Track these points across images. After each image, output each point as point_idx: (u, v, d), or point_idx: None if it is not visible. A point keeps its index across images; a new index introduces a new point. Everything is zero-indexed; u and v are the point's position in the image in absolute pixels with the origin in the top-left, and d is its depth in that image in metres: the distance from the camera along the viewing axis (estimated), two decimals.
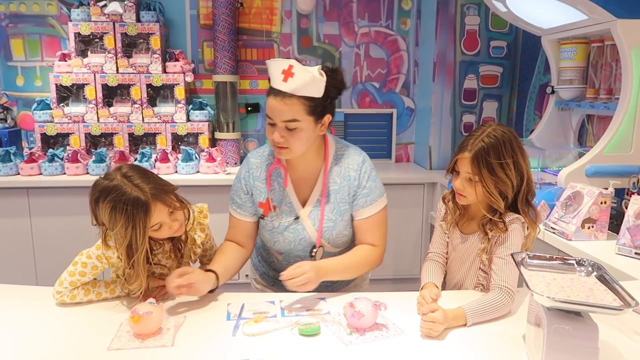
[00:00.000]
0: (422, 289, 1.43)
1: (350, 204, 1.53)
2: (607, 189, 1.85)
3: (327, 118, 1.46)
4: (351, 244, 1.62)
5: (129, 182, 1.30)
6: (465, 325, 1.25)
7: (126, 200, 1.26)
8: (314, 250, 1.54)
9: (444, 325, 1.21)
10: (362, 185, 1.52)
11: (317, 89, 1.37)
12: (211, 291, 1.41)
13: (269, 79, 1.41)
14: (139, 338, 1.18)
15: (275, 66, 1.37)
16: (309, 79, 1.35)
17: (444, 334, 1.22)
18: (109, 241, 1.37)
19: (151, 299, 1.24)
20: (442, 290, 1.45)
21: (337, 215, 1.53)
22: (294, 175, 1.54)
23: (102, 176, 1.35)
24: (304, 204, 1.54)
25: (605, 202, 1.82)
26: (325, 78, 1.39)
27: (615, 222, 1.91)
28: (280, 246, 1.58)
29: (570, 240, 1.81)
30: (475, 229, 1.46)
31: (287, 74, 1.35)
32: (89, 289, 1.39)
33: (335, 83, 1.43)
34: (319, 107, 1.41)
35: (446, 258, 1.55)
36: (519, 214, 1.40)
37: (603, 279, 1.08)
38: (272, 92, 1.39)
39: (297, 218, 1.53)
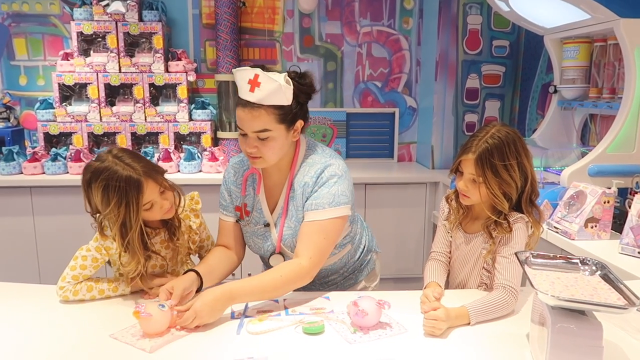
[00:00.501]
0: (425, 288, 1.43)
1: (302, 209, 1.47)
2: (610, 188, 1.85)
3: (299, 124, 1.43)
4: None
5: (120, 162, 1.32)
6: (468, 324, 1.26)
7: (118, 178, 1.29)
8: (271, 257, 1.53)
9: (446, 323, 1.21)
10: (314, 190, 1.44)
11: (284, 98, 1.35)
12: (197, 290, 1.39)
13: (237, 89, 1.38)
14: (146, 335, 1.19)
15: (242, 76, 1.34)
16: (275, 88, 1.32)
17: (447, 332, 1.22)
18: (106, 231, 1.40)
19: (164, 303, 1.24)
20: (445, 289, 1.45)
21: (296, 223, 1.47)
22: (268, 182, 1.53)
23: (94, 159, 1.37)
24: (272, 211, 1.53)
25: (608, 202, 1.82)
26: (292, 86, 1.36)
27: (618, 222, 1.91)
28: (254, 250, 1.60)
29: (573, 239, 1.82)
30: (479, 228, 1.46)
31: (254, 83, 1.32)
32: (91, 286, 1.40)
33: (303, 88, 1.40)
34: (288, 115, 1.38)
35: (449, 257, 1.55)
36: (522, 213, 1.40)
37: (607, 278, 1.08)
38: (240, 102, 1.36)
39: (267, 225, 1.52)
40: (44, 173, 2.97)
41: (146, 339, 1.18)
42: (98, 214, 1.38)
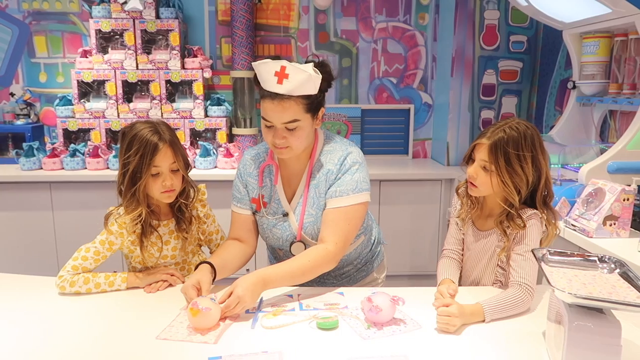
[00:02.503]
0: (439, 285, 1.43)
1: (325, 196, 1.50)
2: (630, 185, 1.81)
3: (321, 112, 1.46)
4: None
5: (156, 126, 1.48)
6: (483, 321, 1.25)
7: (145, 135, 1.44)
8: (292, 245, 1.53)
9: (460, 319, 1.21)
10: (337, 177, 1.47)
11: (313, 87, 1.37)
12: None
13: (257, 82, 1.39)
14: (197, 331, 1.20)
15: (266, 69, 1.35)
16: (305, 79, 1.33)
17: (461, 329, 1.22)
18: (112, 226, 1.47)
19: (212, 295, 1.26)
20: (458, 286, 1.44)
21: (317, 210, 1.50)
22: (285, 172, 1.54)
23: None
24: (290, 200, 1.54)
25: (627, 199, 1.79)
26: (320, 76, 1.37)
27: (638, 220, 1.88)
28: (271, 242, 1.60)
29: (591, 237, 1.79)
30: (492, 226, 1.44)
31: (281, 75, 1.33)
32: (88, 278, 1.43)
33: (325, 76, 1.42)
34: (314, 103, 1.41)
35: (461, 255, 1.54)
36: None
37: (626, 276, 1.06)
38: (268, 95, 1.36)
39: (285, 215, 1.53)
40: (63, 168, 3.02)
41: (209, 332, 1.19)
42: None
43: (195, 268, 1.42)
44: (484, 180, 1.38)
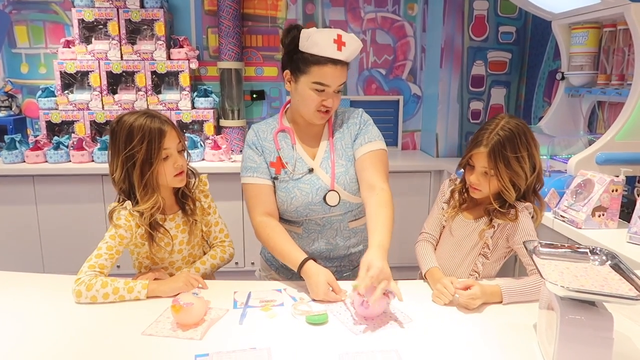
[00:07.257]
0: (426, 272, 1.43)
1: (352, 147, 1.58)
2: (618, 176, 1.82)
3: None
4: None
5: (150, 112, 1.45)
6: (501, 302, 1.29)
7: (144, 122, 1.40)
8: (327, 194, 1.52)
9: (482, 300, 1.26)
10: (361, 128, 1.59)
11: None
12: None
13: (296, 46, 1.43)
14: (180, 327, 1.18)
15: (324, 36, 1.41)
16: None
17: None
18: (119, 220, 1.42)
19: (196, 290, 1.23)
20: None
21: (346, 161, 1.57)
22: (301, 134, 1.59)
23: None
24: (313, 158, 1.58)
25: (616, 190, 1.79)
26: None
27: (626, 211, 1.89)
28: (298, 201, 1.54)
29: (580, 228, 1.79)
30: (481, 214, 1.46)
31: (339, 42, 1.42)
32: (106, 282, 1.34)
33: None
34: None
35: (437, 240, 1.57)
36: (526, 201, 1.41)
37: (618, 268, 1.05)
38: (330, 60, 1.42)
39: (311, 170, 1.55)
40: (46, 162, 2.96)
41: (196, 328, 1.17)
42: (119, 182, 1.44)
43: (299, 269, 1.38)
44: (485, 184, 1.41)
